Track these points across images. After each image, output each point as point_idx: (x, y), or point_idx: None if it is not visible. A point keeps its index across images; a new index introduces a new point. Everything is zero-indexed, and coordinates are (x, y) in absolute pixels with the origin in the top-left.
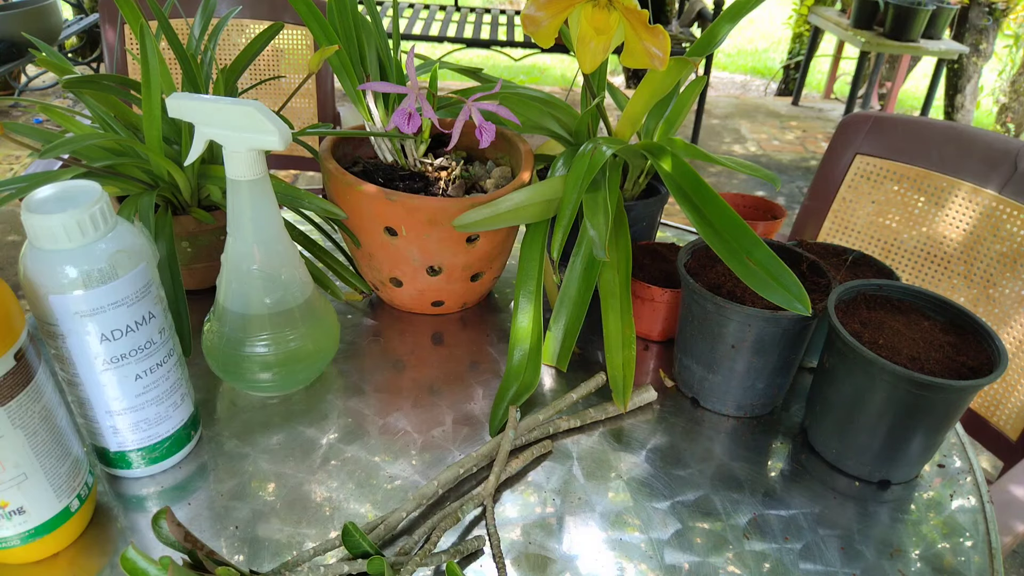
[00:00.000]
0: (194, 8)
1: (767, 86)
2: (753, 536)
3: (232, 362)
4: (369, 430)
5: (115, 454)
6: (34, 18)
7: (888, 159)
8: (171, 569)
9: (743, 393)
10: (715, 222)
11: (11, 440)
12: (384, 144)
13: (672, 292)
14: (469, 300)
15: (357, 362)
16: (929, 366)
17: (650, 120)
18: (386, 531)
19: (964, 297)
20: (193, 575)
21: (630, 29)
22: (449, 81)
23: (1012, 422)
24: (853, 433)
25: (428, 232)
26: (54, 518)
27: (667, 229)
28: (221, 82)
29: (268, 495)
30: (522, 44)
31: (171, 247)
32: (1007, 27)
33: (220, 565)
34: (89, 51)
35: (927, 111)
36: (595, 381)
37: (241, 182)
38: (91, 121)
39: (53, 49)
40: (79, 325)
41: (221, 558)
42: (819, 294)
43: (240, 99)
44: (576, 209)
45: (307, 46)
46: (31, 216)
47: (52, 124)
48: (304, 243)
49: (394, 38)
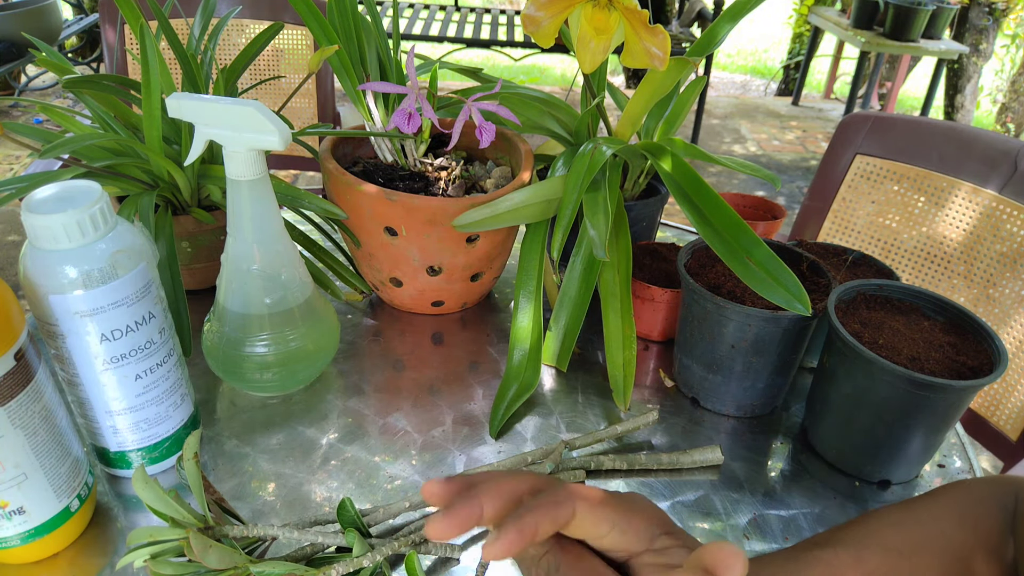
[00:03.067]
0: (194, 8)
1: (767, 86)
2: (753, 536)
3: (232, 362)
4: (369, 430)
5: (115, 454)
6: (34, 18)
7: (888, 159)
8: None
9: (743, 393)
10: (715, 222)
11: (11, 440)
12: (384, 144)
13: (672, 292)
14: (469, 300)
15: (357, 362)
16: (929, 366)
17: (650, 120)
18: (384, 516)
19: (964, 297)
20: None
21: (630, 29)
22: (449, 81)
23: (1012, 422)
24: (853, 433)
25: (428, 232)
26: (54, 518)
27: (667, 229)
28: (221, 82)
29: (268, 495)
30: (522, 44)
31: (171, 247)
32: (1007, 27)
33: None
34: (89, 51)
35: (927, 111)
36: (646, 418)
37: (241, 182)
38: (91, 121)
39: (53, 49)
40: (79, 325)
41: (228, 506)
42: (819, 294)
43: (240, 99)
44: (576, 209)
45: (307, 46)
46: (31, 216)
47: (52, 124)
48: (304, 243)
49: (394, 38)
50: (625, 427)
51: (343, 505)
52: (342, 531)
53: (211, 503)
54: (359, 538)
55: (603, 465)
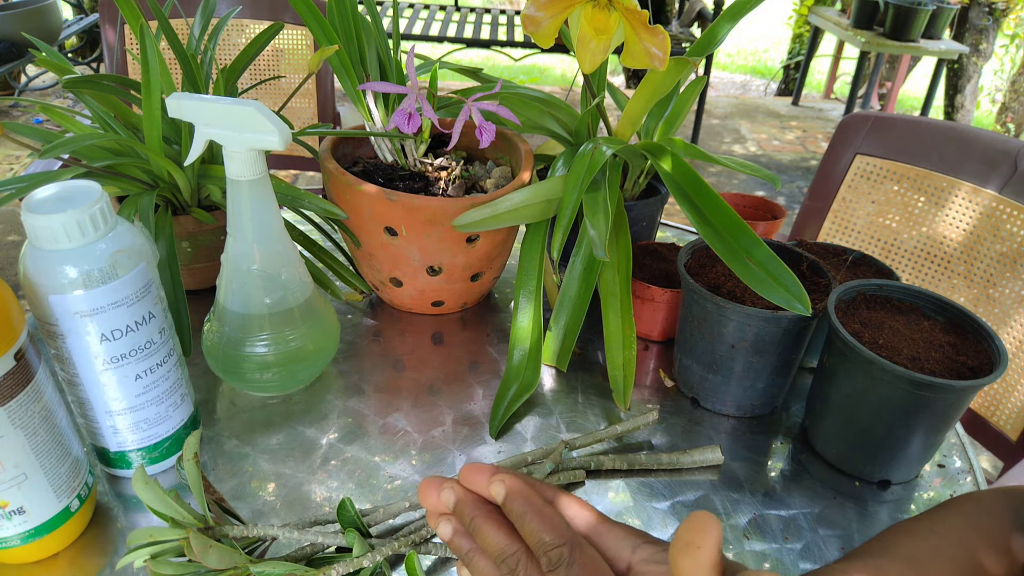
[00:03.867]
0: (194, 8)
1: (767, 86)
2: (753, 536)
3: (232, 362)
4: (369, 430)
5: (115, 454)
6: (34, 18)
7: (888, 159)
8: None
9: (743, 393)
10: (715, 222)
11: (11, 440)
12: (384, 144)
13: (672, 292)
14: (469, 300)
15: (357, 362)
16: (929, 366)
17: (650, 120)
18: (384, 516)
19: (964, 297)
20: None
21: (630, 29)
22: (449, 81)
23: (1012, 422)
24: (853, 433)
25: (428, 232)
26: (54, 518)
27: (667, 229)
28: (221, 82)
29: (268, 495)
30: (522, 44)
31: (171, 247)
32: (1007, 27)
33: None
34: (89, 51)
35: (927, 111)
36: (646, 418)
37: (241, 182)
38: (91, 121)
39: (53, 49)
40: (79, 325)
41: (228, 506)
42: (819, 294)
43: (240, 99)
44: (576, 209)
45: (307, 46)
46: (31, 216)
47: (52, 124)
48: (304, 243)
49: (394, 38)
50: (625, 427)
51: (343, 505)
52: (342, 531)
53: (211, 503)
54: (359, 538)
55: (603, 465)
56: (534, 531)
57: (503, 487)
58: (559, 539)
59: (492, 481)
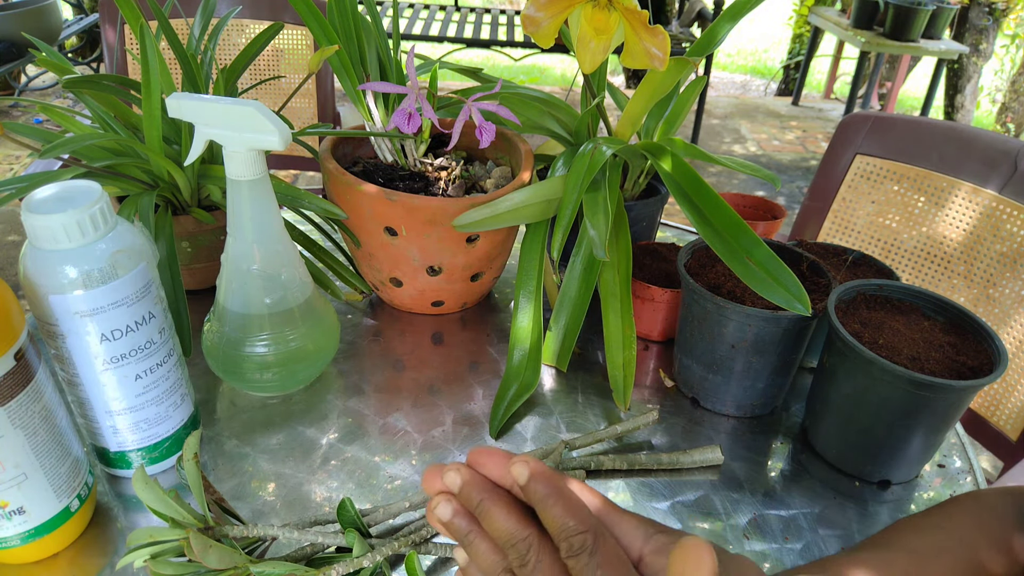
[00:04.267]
0: (194, 8)
1: (767, 86)
2: (753, 536)
3: (232, 362)
4: (369, 430)
5: (115, 454)
6: (34, 18)
7: (888, 159)
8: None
9: (743, 393)
10: (715, 222)
11: (11, 440)
12: (384, 144)
13: (672, 292)
14: (469, 300)
15: (357, 362)
16: (929, 366)
17: (650, 120)
18: (384, 516)
19: (964, 297)
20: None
21: (630, 29)
22: (449, 81)
23: (1012, 422)
24: (853, 433)
25: (428, 232)
26: (54, 518)
27: (667, 229)
28: (221, 82)
29: (268, 495)
30: (522, 44)
31: (171, 247)
32: (1007, 27)
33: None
34: (89, 51)
35: (927, 111)
36: (646, 418)
37: (241, 182)
38: (91, 121)
39: (53, 49)
40: (79, 325)
41: (228, 506)
42: (819, 294)
43: (240, 99)
44: (576, 209)
45: (307, 46)
46: (31, 216)
47: (52, 124)
48: (304, 243)
49: (394, 38)
50: (625, 427)
51: (343, 505)
52: (342, 531)
53: (211, 503)
54: (359, 538)
55: (603, 465)
56: (558, 516)
57: (527, 468)
58: (583, 525)
59: (514, 462)
